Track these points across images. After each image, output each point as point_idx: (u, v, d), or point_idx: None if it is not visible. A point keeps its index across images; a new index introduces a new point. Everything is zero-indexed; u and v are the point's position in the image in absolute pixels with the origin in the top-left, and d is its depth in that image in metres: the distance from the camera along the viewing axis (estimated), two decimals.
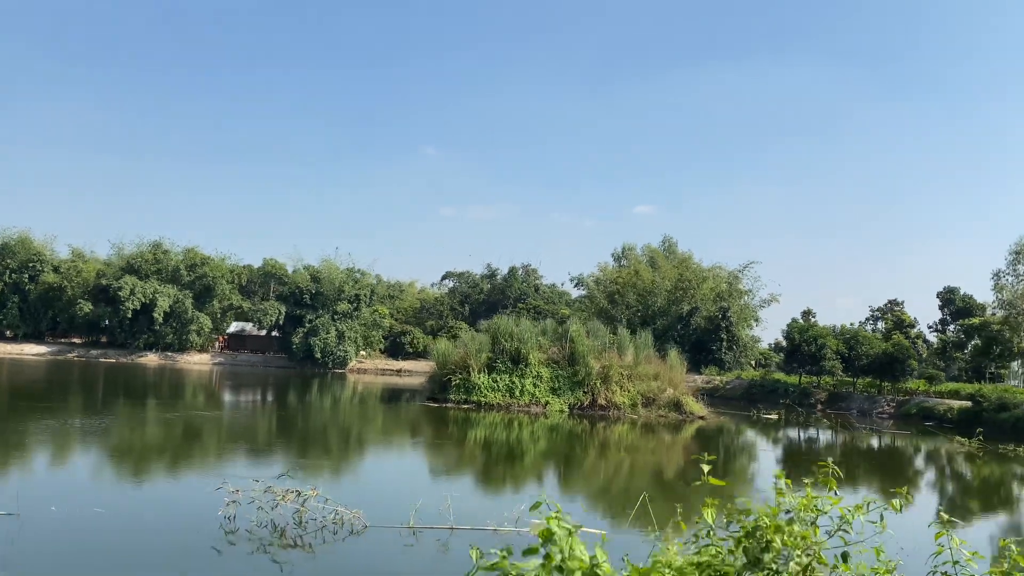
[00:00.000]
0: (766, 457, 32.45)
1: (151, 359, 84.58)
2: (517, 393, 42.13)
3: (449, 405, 41.30)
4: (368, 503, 14.49)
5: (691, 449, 32.50)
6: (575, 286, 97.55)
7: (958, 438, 36.52)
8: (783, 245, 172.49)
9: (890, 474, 28.22)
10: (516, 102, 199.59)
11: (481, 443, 30.30)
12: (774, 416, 49.68)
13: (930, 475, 29.70)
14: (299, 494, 13.51)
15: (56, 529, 12.56)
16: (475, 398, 41.62)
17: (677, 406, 43.11)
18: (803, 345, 61.31)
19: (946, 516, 4.09)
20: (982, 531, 18.41)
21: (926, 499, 22.90)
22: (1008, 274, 52.87)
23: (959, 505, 22.05)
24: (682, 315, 73.36)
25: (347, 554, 12.84)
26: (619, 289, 78.30)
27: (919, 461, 32.88)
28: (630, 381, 43.50)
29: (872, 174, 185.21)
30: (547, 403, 41.95)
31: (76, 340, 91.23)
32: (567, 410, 41.82)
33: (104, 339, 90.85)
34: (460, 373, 42.69)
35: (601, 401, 42.41)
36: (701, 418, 43.01)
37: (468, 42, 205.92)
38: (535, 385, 42.67)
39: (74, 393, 42.62)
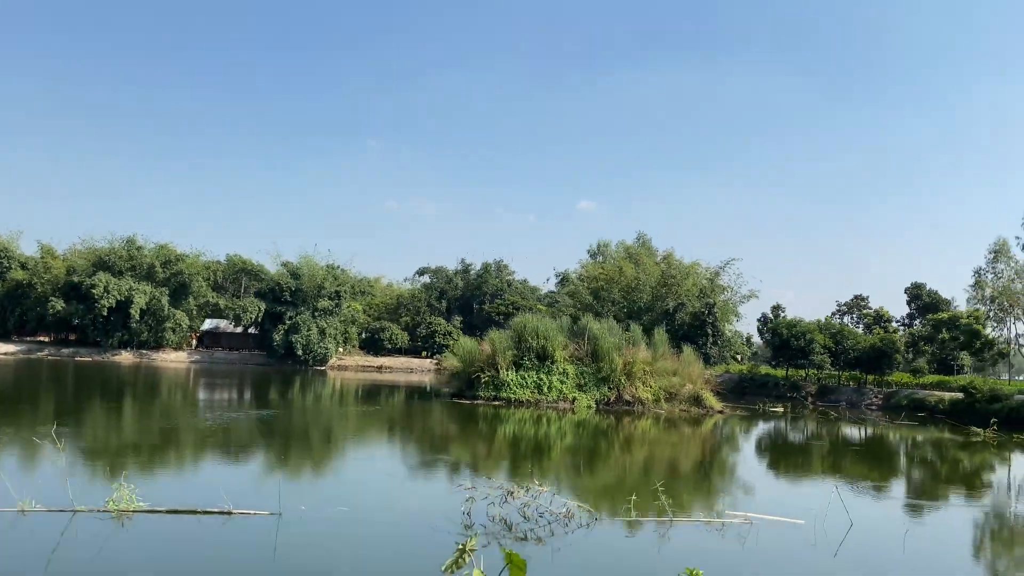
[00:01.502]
0: (831, 451, 33.81)
1: (125, 357, 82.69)
2: (545, 390, 42.92)
3: (478, 402, 41.84)
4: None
5: (744, 441, 33.93)
6: (560, 282, 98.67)
7: (974, 428, 38.78)
8: (729, 241, 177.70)
9: (960, 466, 29.95)
10: (459, 96, 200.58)
11: (558, 438, 30.89)
12: (779, 409, 51.62)
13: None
14: (528, 490, 14.15)
15: (313, 527, 12.98)
16: (504, 395, 42.22)
17: (697, 400, 44.57)
18: (791, 340, 63.71)
19: None
20: None
21: None
22: (988, 272, 55.95)
23: None
24: (668, 311, 74.97)
25: (572, 545, 13.48)
26: (603, 285, 79.50)
27: (970, 453, 34.22)
28: (651, 377, 44.76)
29: (822, 173, 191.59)
30: (574, 399, 42.86)
31: (44, 339, 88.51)
32: (594, 406, 42.80)
33: (73, 337, 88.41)
34: (488, 371, 43.27)
35: (627, 396, 43.53)
36: (720, 412, 44.55)
37: (411, 34, 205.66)
38: (562, 382, 43.53)
39: (108, 394, 41.67)
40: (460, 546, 6.92)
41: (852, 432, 40.93)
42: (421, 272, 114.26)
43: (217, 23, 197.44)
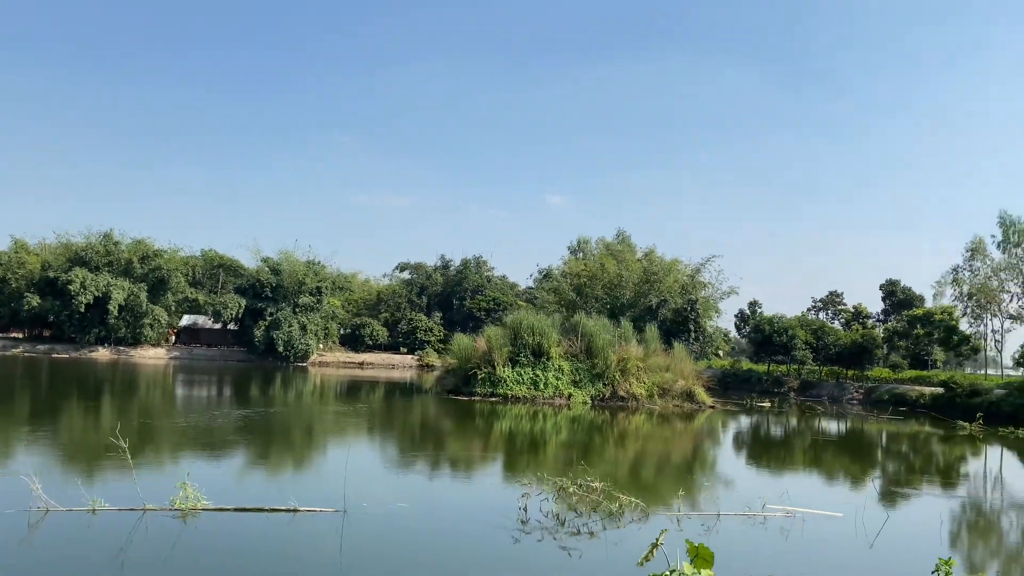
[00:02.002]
0: (834, 445, 34.66)
1: (102, 354, 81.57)
2: (541, 386, 43.33)
3: (475, 398, 42.12)
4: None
5: (747, 434, 34.62)
6: (543, 278, 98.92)
7: (960, 422, 39.92)
8: (702, 237, 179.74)
9: (966, 460, 30.89)
10: (428, 89, 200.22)
11: (558, 433, 31.28)
12: (766, 404, 52.59)
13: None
14: (580, 486, 14.51)
15: (377, 523, 13.21)
16: (501, 391, 42.55)
17: (690, 396, 45.29)
18: (774, 336, 64.84)
19: None
20: None
21: None
22: (965, 269, 57.51)
23: None
24: (650, 307, 75.72)
25: (627, 539, 13.85)
26: (586, 282, 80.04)
27: (957, 445, 35.53)
28: (644, 373, 45.38)
29: (797, 171, 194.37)
30: (570, 395, 43.33)
31: (18, 335, 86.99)
32: (589, 401, 43.30)
33: (48, 333, 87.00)
34: (484, 367, 43.55)
35: (621, 392, 44.10)
36: (711, 407, 45.32)
37: (378, 25, 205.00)
38: (557, 378, 43.97)
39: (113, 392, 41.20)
40: (654, 541, 7.28)
41: (845, 427, 41.86)
42: (402, 268, 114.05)
43: (185, 18, 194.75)
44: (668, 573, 5.81)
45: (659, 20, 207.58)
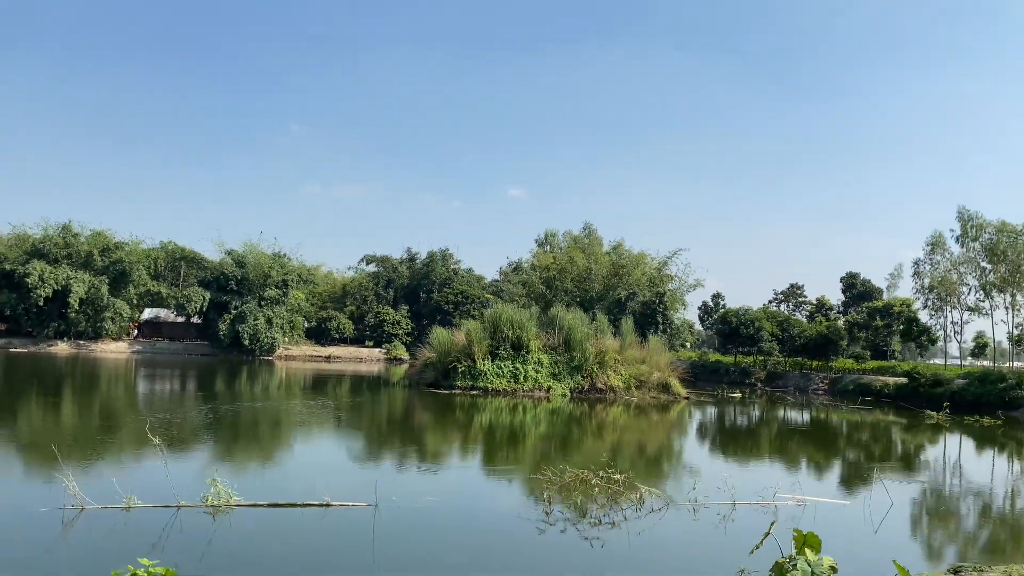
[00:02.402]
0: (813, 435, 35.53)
1: (62, 348, 79.84)
2: (521, 379, 43.60)
3: (455, 392, 42.19)
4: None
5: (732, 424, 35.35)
6: (513, 270, 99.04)
7: (928, 411, 41.23)
8: (664, 230, 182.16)
9: (949, 448, 31.92)
10: (384, 78, 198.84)
11: (570, 426, 31.61)
12: (737, 395, 53.61)
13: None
14: (601, 477, 14.79)
15: (407, 516, 13.34)
16: (481, 384, 42.73)
17: (665, 387, 46.00)
18: (741, 328, 66.04)
19: None
20: None
21: None
22: (926, 263, 59.28)
23: None
24: (619, 300, 76.51)
25: (648, 529, 14.19)
26: (555, 275, 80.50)
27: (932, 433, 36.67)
28: (621, 365, 45.94)
29: (755, 164, 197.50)
30: (549, 388, 43.68)
31: None
32: (568, 394, 43.70)
33: (4, 327, 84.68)
34: (464, 361, 43.66)
35: (599, 385, 44.59)
36: (686, 398, 46.11)
37: (332, 13, 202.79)
38: (536, 371, 44.28)
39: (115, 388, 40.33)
40: (766, 531, 7.56)
41: (820, 417, 42.90)
42: (368, 261, 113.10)
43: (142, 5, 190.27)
44: (787, 559, 6.05)
45: (627, 14, 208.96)
